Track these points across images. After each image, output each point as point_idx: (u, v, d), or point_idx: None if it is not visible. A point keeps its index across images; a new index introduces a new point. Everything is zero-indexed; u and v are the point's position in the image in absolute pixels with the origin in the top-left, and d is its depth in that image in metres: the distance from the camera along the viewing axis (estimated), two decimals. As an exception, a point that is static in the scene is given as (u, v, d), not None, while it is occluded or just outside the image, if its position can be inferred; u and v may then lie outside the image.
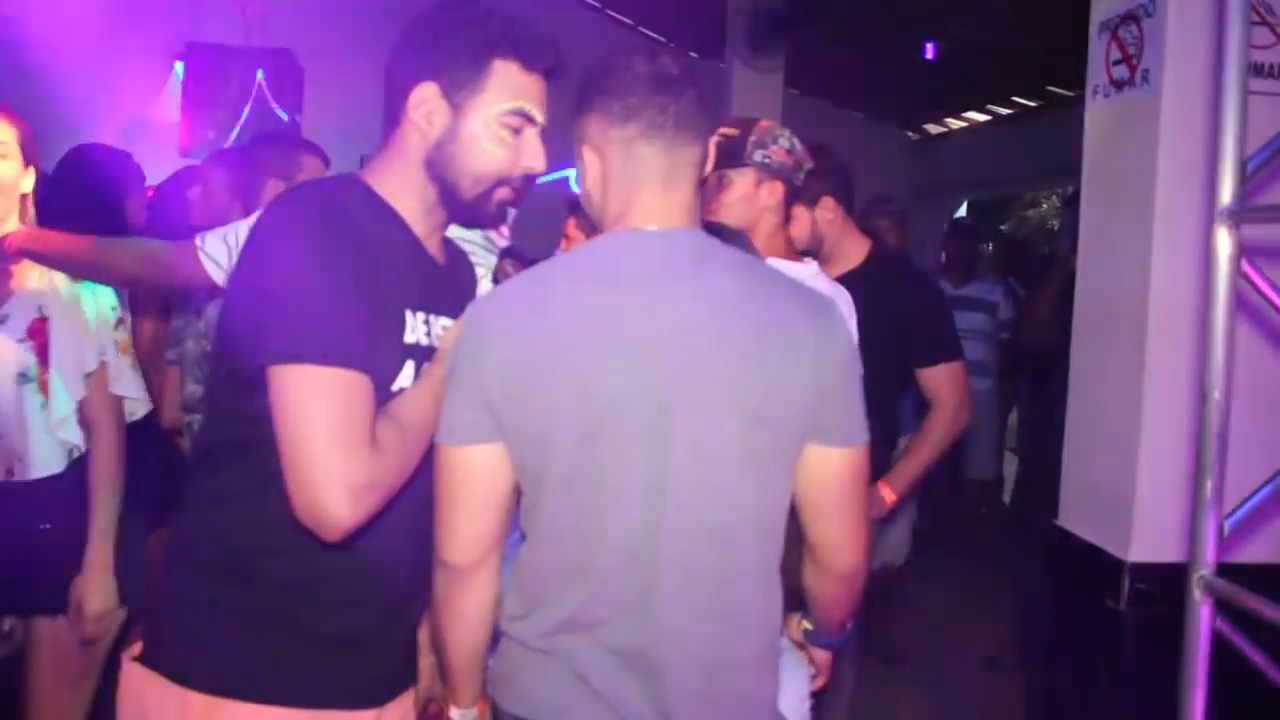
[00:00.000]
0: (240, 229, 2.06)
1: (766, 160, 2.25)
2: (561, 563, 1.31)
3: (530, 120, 1.42)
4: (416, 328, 1.38)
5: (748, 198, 2.25)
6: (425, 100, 1.38)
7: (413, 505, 1.36)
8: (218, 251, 2.04)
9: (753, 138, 2.27)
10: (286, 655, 1.36)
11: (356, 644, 1.40)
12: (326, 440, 1.19)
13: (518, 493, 1.35)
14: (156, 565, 1.54)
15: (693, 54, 8.93)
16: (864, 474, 1.39)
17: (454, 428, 1.30)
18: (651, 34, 9.33)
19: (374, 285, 1.29)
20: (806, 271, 2.30)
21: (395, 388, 1.35)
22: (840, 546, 1.40)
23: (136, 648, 1.44)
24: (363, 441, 1.21)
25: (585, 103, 1.35)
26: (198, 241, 2.08)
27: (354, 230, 1.29)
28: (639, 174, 1.32)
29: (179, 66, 6.51)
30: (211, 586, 1.38)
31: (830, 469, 1.34)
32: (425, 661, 1.59)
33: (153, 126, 7.32)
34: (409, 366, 1.36)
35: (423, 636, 1.56)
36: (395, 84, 1.40)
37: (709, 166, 1.38)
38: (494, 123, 1.39)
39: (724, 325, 1.26)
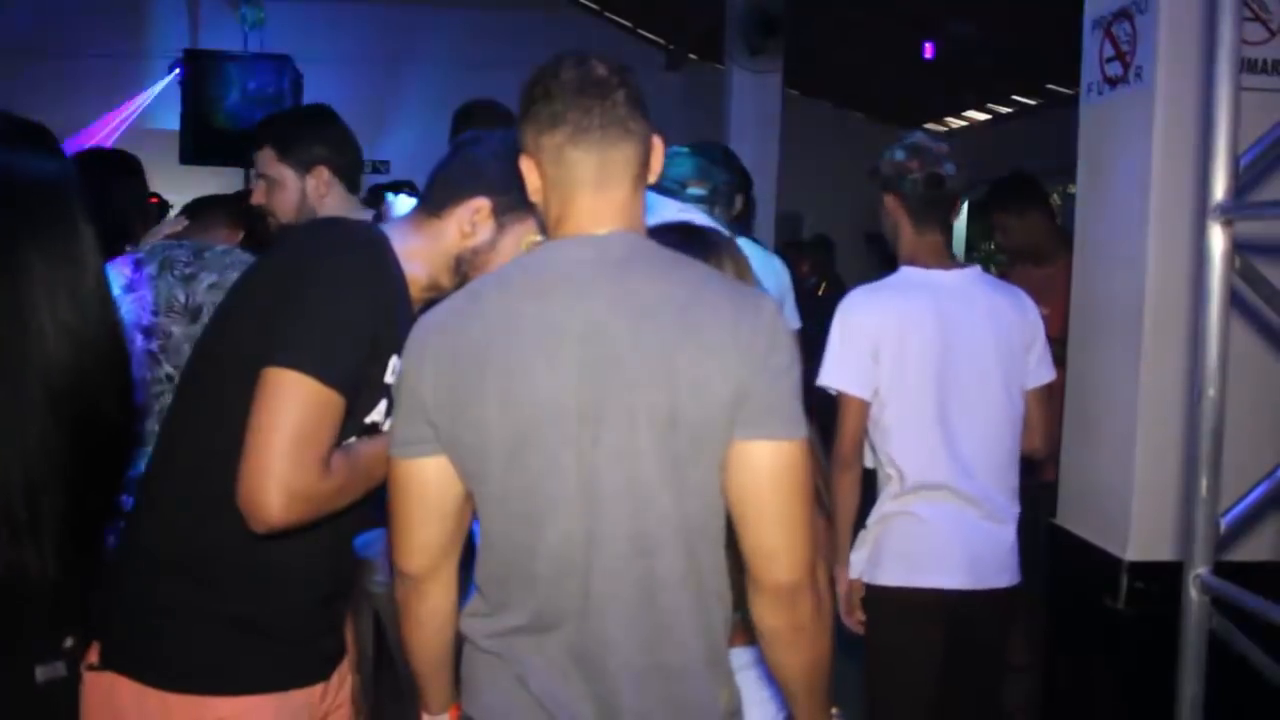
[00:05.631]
0: None
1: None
2: (510, 569, 1.32)
3: None
4: (396, 369, 1.48)
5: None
6: (478, 210, 1.56)
7: (339, 520, 1.47)
8: None
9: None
10: (251, 650, 1.46)
11: (303, 637, 1.53)
12: (288, 444, 1.31)
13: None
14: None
15: (692, 56, 8.96)
16: (799, 475, 1.28)
17: (401, 440, 1.34)
18: (650, 36, 9.34)
19: (380, 329, 1.43)
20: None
21: (368, 420, 1.50)
22: (774, 556, 1.28)
23: (94, 654, 1.43)
24: (317, 457, 1.34)
25: (520, 113, 1.37)
26: None
27: (386, 277, 1.48)
28: (571, 178, 1.32)
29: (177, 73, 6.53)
30: (178, 587, 1.44)
31: (753, 463, 1.27)
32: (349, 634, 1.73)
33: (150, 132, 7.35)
34: (383, 403, 1.50)
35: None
36: (449, 183, 1.58)
37: (655, 164, 1.37)
38: (525, 245, 1.56)
39: (639, 329, 1.26)
